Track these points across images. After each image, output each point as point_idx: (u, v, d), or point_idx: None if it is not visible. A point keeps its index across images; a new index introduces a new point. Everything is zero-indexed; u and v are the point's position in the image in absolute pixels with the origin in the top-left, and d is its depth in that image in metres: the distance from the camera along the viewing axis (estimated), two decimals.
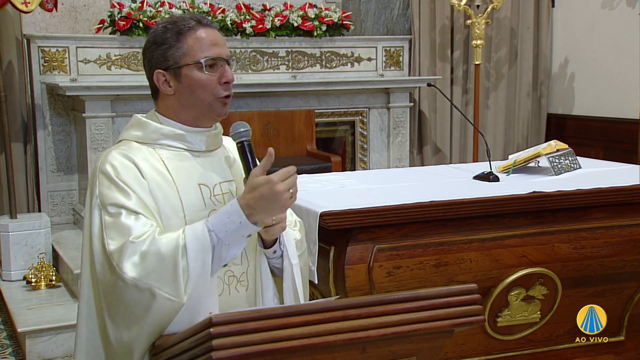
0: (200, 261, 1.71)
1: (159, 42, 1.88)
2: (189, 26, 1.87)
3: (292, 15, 5.66)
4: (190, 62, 1.85)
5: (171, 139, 1.90)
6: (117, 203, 1.77)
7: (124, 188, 1.78)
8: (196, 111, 1.90)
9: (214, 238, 1.73)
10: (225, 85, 1.88)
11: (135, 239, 1.71)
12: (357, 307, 1.53)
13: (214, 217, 1.75)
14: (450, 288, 1.65)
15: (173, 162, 1.88)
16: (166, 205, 1.82)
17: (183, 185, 1.85)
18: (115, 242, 1.73)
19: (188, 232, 1.72)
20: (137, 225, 1.74)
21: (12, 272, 4.50)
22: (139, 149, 1.88)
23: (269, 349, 1.43)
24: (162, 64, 1.88)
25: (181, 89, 1.88)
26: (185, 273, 1.69)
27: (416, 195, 2.60)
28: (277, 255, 1.94)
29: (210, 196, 1.89)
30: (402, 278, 2.49)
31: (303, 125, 5.57)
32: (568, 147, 3.25)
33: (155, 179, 1.83)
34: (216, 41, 1.88)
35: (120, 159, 1.83)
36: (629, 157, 4.86)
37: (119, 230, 1.74)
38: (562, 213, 2.73)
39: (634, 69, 5.71)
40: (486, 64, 6.41)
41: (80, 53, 5.20)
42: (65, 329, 3.79)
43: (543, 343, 2.79)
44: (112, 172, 1.80)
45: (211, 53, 1.86)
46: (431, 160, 6.32)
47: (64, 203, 5.37)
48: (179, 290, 1.69)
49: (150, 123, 1.91)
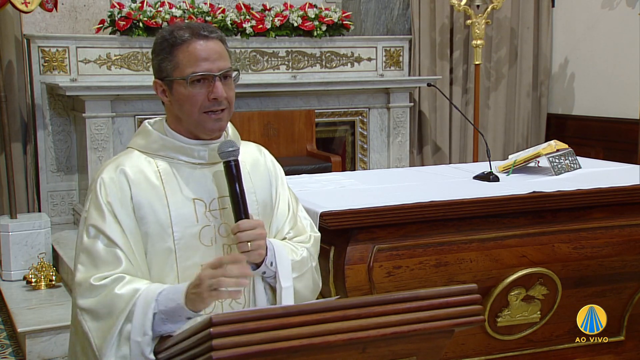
0: (141, 330, 1.71)
1: (156, 51, 1.88)
2: (182, 39, 1.83)
3: (292, 15, 5.66)
4: (178, 77, 1.83)
5: (171, 150, 1.88)
6: (97, 226, 1.80)
7: (105, 212, 1.79)
8: (188, 125, 1.88)
9: (156, 307, 1.72)
10: (213, 101, 1.83)
11: (96, 281, 1.75)
12: (357, 307, 1.53)
13: (168, 288, 1.75)
14: (450, 288, 1.65)
15: (169, 175, 1.86)
16: (153, 222, 1.81)
17: (175, 199, 1.84)
18: (82, 270, 1.79)
19: (140, 299, 1.72)
20: (107, 258, 1.77)
21: (12, 272, 4.49)
22: (138, 159, 1.88)
23: (268, 349, 1.43)
24: (158, 74, 1.89)
25: (173, 101, 1.87)
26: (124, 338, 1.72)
27: (416, 195, 2.60)
28: (269, 275, 1.92)
29: (205, 211, 1.87)
30: (402, 278, 2.49)
31: (303, 125, 5.57)
32: (568, 147, 3.25)
33: (146, 193, 1.82)
34: (208, 56, 1.82)
35: (113, 176, 1.83)
36: (629, 157, 4.85)
37: (90, 257, 1.78)
38: (562, 213, 2.73)
39: (634, 69, 5.71)
40: (486, 64, 6.41)
41: (80, 53, 5.20)
42: (65, 329, 3.78)
43: (543, 343, 2.79)
44: (101, 191, 1.82)
45: (199, 69, 1.81)
46: (431, 160, 6.32)
47: (64, 203, 5.37)
48: (103, 350, 1.72)
49: (153, 133, 1.91)
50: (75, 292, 1.79)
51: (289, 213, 2.05)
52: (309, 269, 2.00)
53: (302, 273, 1.97)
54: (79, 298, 1.77)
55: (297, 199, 2.13)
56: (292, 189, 2.14)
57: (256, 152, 2.06)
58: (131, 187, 1.82)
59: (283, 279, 1.90)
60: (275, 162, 2.09)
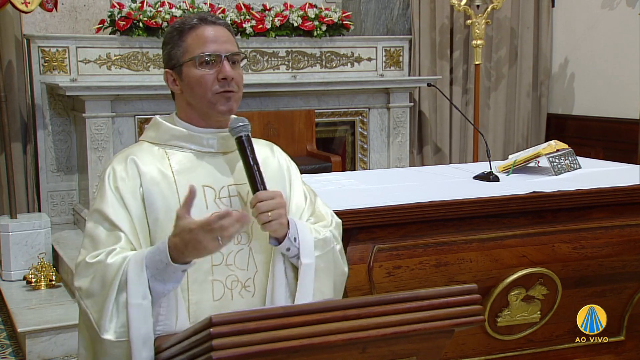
0: (140, 296, 1.70)
1: (166, 42, 1.93)
2: (190, 24, 1.89)
3: (292, 15, 5.66)
4: (187, 60, 1.87)
5: (180, 139, 1.91)
6: (102, 211, 1.81)
7: (112, 198, 1.81)
8: (200, 109, 1.90)
9: (148, 274, 1.71)
10: (222, 81, 1.86)
11: (91, 259, 1.75)
12: (357, 307, 1.53)
13: (150, 252, 1.73)
14: (450, 288, 1.65)
15: (179, 163, 1.89)
16: (162, 209, 1.83)
17: (184, 186, 1.84)
18: (83, 253, 1.80)
19: (131, 265, 1.71)
20: (108, 241, 1.77)
21: (12, 272, 4.50)
22: (149, 150, 1.90)
23: (269, 349, 1.43)
24: (169, 63, 1.93)
25: (184, 87, 1.90)
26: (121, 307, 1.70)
27: (416, 195, 2.60)
28: (293, 253, 1.88)
29: (215, 198, 1.88)
30: (402, 278, 2.49)
31: (303, 125, 5.57)
32: (568, 147, 3.25)
33: (156, 181, 1.85)
34: (216, 38, 1.87)
35: (122, 164, 1.86)
36: (629, 157, 4.85)
37: (92, 241, 1.80)
38: (562, 213, 2.73)
39: (634, 69, 5.71)
40: (486, 64, 6.41)
41: (80, 53, 5.20)
42: (65, 329, 3.79)
43: (543, 343, 2.79)
44: (110, 178, 1.84)
45: (207, 49, 1.86)
46: (431, 160, 6.32)
47: (64, 203, 5.37)
48: (101, 323, 1.71)
49: (162, 124, 1.94)
50: (75, 271, 1.81)
51: (306, 203, 2.04)
52: (331, 249, 1.96)
53: (324, 252, 1.93)
54: (76, 279, 1.79)
55: (314, 193, 2.11)
56: (308, 185, 2.12)
57: (267, 149, 2.06)
58: (141, 175, 1.85)
59: (304, 256, 1.87)
60: (289, 159, 2.09)
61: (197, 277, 1.84)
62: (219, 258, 1.86)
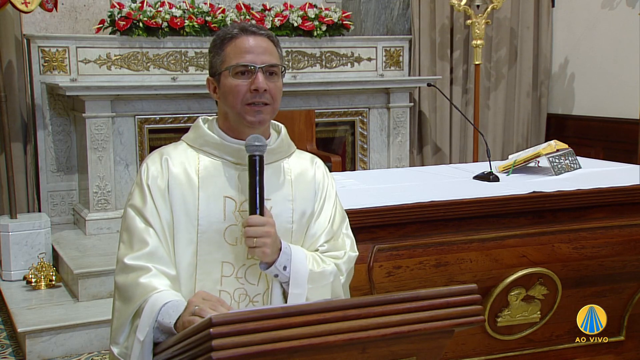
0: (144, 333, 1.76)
1: (210, 50, 1.98)
2: (231, 34, 1.92)
3: (292, 15, 5.66)
4: (224, 69, 1.90)
5: (212, 146, 1.93)
6: (136, 206, 1.88)
7: (146, 194, 1.88)
8: (232, 119, 1.92)
9: (156, 323, 1.76)
10: (254, 92, 1.87)
11: (129, 260, 1.83)
12: (357, 307, 1.53)
13: (167, 306, 1.76)
14: (450, 288, 1.65)
15: (206, 169, 1.91)
16: (181, 212, 1.87)
17: (206, 193, 1.88)
18: (121, 248, 1.88)
19: (149, 303, 1.77)
20: (142, 238, 1.85)
21: (12, 272, 4.50)
22: (184, 152, 1.94)
23: (269, 349, 1.43)
24: (210, 70, 1.97)
25: (221, 95, 1.93)
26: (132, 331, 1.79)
27: (416, 195, 2.60)
28: (282, 280, 1.89)
29: (235, 210, 1.89)
30: (402, 278, 2.49)
31: (303, 125, 5.57)
32: (568, 147, 3.25)
33: (180, 183, 1.89)
34: (252, 49, 1.88)
35: (156, 163, 1.92)
36: (629, 157, 4.86)
37: (128, 236, 1.87)
38: (562, 213, 2.73)
39: (634, 69, 5.71)
40: (486, 64, 6.41)
41: (80, 53, 5.20)
42: (65, 329, 3.79)
43: (543, 343, 2.79)
44: (144, 175, 1.91)
45: (243, 60, 1.87)
46: (431, 160, 6.32)
47: (64, 203, 5.37)
48: (115, 334, 1.82)
49: (200, 127, 1.97)
50: (117, 264, 1.89)
51: (327, 226, 2.01)
52: (329, 283, 1.94)
53: (319, 285, 1.92)
54: (116, 274, 1.88)
55: (344, 217, 2.09)
56: (343, 207, 2.10)
57: (308, 162, 2.06)
58: (169, 175, 1.89)
59: (293, 286, 1.87)
60: (328, 175, 2.08)
61: (204, 284, 1.85)
62: (229, 270, 1.88)
